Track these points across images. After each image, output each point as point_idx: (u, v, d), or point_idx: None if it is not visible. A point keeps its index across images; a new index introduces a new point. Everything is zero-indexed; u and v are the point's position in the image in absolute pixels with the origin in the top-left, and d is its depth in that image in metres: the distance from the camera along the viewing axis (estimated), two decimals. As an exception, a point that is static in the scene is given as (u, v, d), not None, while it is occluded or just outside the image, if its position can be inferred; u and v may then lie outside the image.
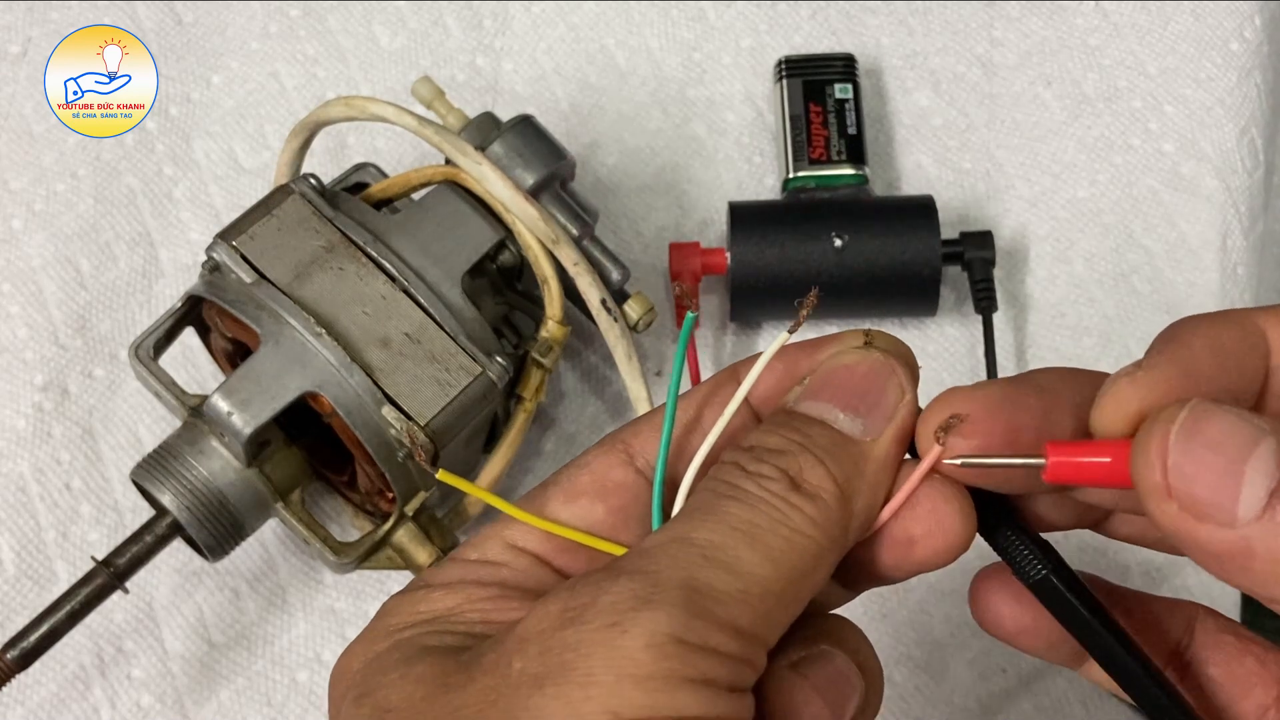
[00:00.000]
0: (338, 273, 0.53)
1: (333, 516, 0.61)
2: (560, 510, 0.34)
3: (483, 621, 0.32)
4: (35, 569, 0.60)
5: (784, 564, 0.30)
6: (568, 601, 0.29)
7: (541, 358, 0.57)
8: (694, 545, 0.29)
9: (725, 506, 0.30)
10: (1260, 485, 0.27)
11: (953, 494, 0.32)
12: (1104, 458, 0.30)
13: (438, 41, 0.71)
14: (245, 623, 0.60)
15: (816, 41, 0.71)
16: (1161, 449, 0.28)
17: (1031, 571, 0.32)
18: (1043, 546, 0.32)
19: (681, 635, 0.28)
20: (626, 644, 0.27)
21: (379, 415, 0.52)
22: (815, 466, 0.31)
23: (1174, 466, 0.28)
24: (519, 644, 0.29)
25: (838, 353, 0.33)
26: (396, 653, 0.31)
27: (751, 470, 0.31)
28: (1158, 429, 0.29)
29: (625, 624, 0.28)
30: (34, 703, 0.58)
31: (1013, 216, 0.68)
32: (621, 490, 0.34)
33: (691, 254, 0.64)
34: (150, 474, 0.53)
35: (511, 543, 0.34)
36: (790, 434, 0.32)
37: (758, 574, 0.29)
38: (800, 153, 0.65)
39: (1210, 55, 0.70)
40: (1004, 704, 0.59)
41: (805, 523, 0.30)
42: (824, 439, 0.32)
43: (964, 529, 0.32)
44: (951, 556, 0.32)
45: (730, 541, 0.29)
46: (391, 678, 0.30)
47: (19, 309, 0.65)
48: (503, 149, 0.58)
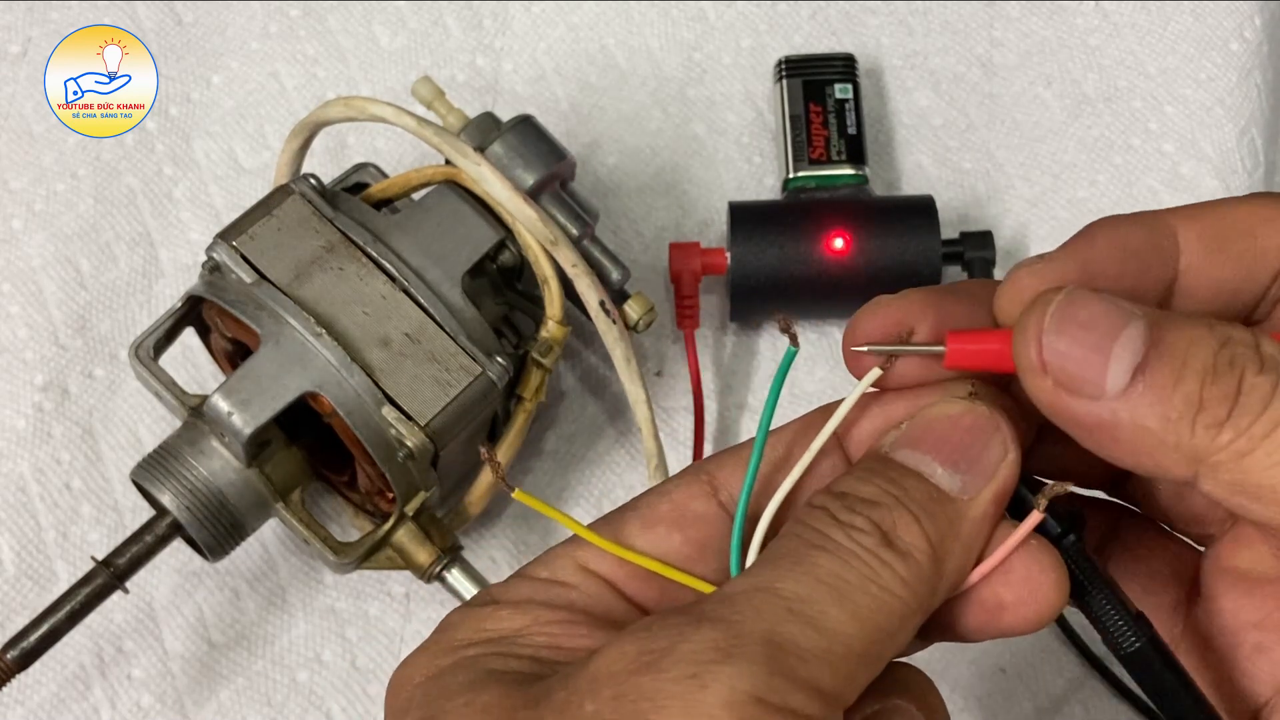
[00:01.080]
0: (338, 273, 0.53)
1: (333, 516, 0.61)
2: (637, 536, 0.33)
3: (550, 646, 0.31)
4: (35, 569, 0.60)
5: (870, 623, 0.29)
6: (646, 644, 0.28)
7: (541, 358, 0.57)
8: (779, 597, 0.28)
9: (814, 557, 0.29)
10: (1126, 361, 0.29)
11: (1049, 562, 0.31)
12: (996, 344, 0.31)
13: (438, 41, 0.71)
14: (245, 623, 0.60)
15: (816, 41, 0.71)
16: (1038, 328, 0.30)
17: (1124, 643, 0.32)
18: (1136, 617, 0.32)
19: (762, 695, 0.27)
20: (705, 699, 0.26)
21: (379, 415, 0.52)
22: (910, 524, 0.30)
23: (1048, 344, 0.29)
24: (591, 684, 0.28)
25: (940, 401, 0.32)
26: (461, 674, 0.30)
27: (843, 520, 0.30)
28: (1035, 309, 0.30)
29: (704, 677, 0.27)
30: (34, 703, 0.58)
31: (1013, 216, 0.68)
32: (701, 522, 0.33)
33: (691, 254, 0.64)
34: (150, 474, 0.53)
35: (583, 565, 0.33)
36: (886, 484, 0.31)
37: (843, 632, 0.28)
38: (800, 153, 0.65)
39: (1210, 55, 0.70)
40: (1004, 704, 0.59)
41: (895, 582, 0.29)
42: (920, 494, 0.30)
43: (1058, 597, 0.31)
44: (1041, 624, 0.31)
45: (817, 595, 0.28)
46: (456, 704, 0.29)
47: (19, 309, 0.65)
48: (503, 149, 0.58)
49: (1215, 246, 0.32)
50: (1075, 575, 0.32)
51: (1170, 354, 0.29)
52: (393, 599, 0.60)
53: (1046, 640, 0.60)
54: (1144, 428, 0.29)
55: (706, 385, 0.64)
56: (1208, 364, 0.29)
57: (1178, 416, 0.28)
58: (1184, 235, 0.32)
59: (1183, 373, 0.29)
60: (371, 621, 0.60)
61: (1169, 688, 0.32)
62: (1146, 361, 0.29)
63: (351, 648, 0.60)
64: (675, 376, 0.64)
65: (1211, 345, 0.29)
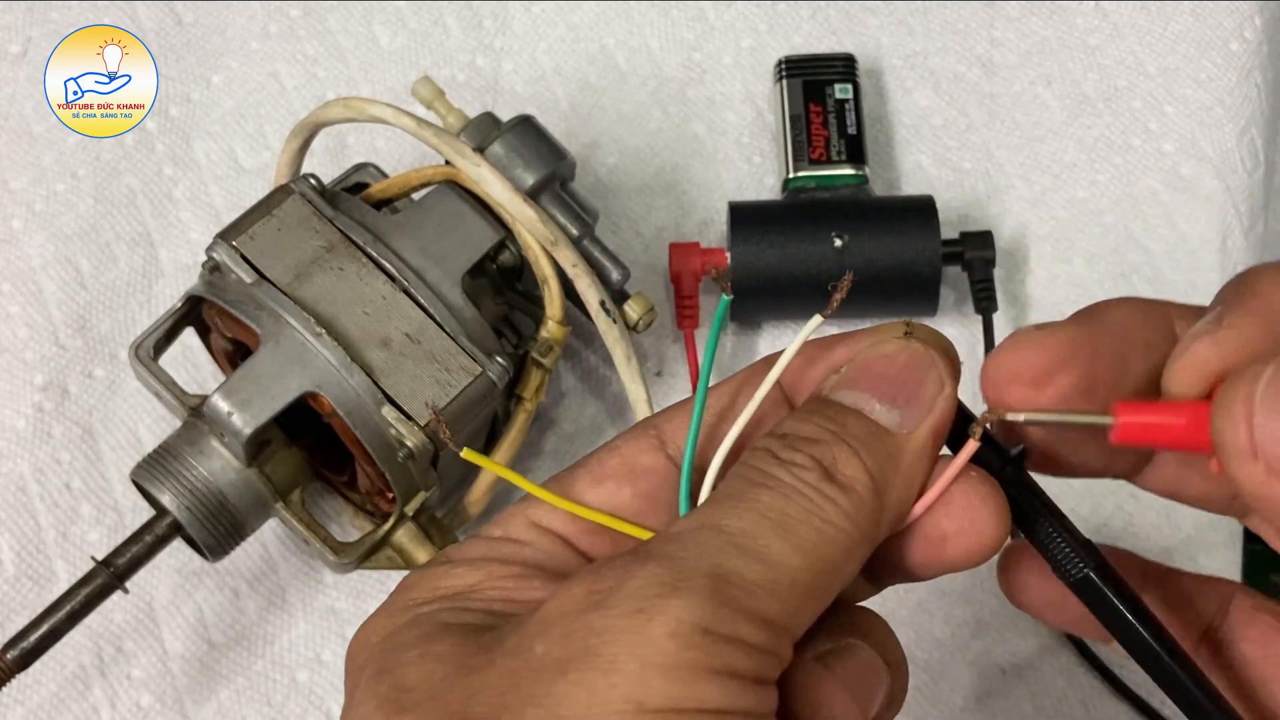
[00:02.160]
0: (338, 273, 0.53)
1: (333, 516, 0.61)
2: (587, 492, 0.33)
3: (503, 600, 0.31)
4: (35, 569, 0.60)
5: (814, 555, 0.29)
6: (592, 585, 0.28)
7: (541, 358, 0.57)
8: (723, 532, 0.29)
9: (756, 494, 0.30)
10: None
11: (988, 493, 0.31)
12: (1178, 419, 0.29)
13: (438, 41, 0.71)
14: (245, 623, 0.60)
15: (816, 41, 0.71)
16: (1248, 407, 0.27)
17: (1072, 570, 0.31)
18: (1083, 544, 0.32)
19: (708, 625, 0.27)
20: (652, 631, 0.27)
21: (379, 415, 0.52)
22: (850, 457, 0.30)
23: (1260, 425, 0.27)
24: (541, 626, 0.28)
25: (876, 342, 0.33)
26: (416, 629, 0.31)
27: (784, 458, 0.30)
28: (1243, 385, 0.28)
29: (651, 611, 0.27)
30: (34, 703, 0.58)
31: (1013, 216, 0.68)
32: (650, 475, 0.33)
33: (691, 254, 0.64)
34: (150, 474, 0.53)
35: (536, 522, 0.33)
36: (825, 422, 0.31)
37: (787, 564, 0.29)
38: (800, 153, 0.65)
39: (1210, 55, 0.70)
40: (1004, 704, 0.59)
41: (837, 514, 0.29)
42: (859, 429, 0.31)
43: (998, 529, 0.31)
44: (984, 557, 0.31)
45: (760, 530, 0.29)
46: (410, 655, 0.30)
47: (19, 309, 0.65)
48: (503, 149, 0.58)
49: None
50: (1020, 506, 0.32)
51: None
52: (393, 599, 0.60)
53: (1047, 640, 0.60)
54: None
55: (706, 385, 0.64)
56: None
57: None
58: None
59: None
60: (371, 621, 0.60)
61: (1122, 613, 0.31)
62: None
63: (351, 648, 0.60)
64: (675, 376, 0.64)
65: None
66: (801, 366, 0.34)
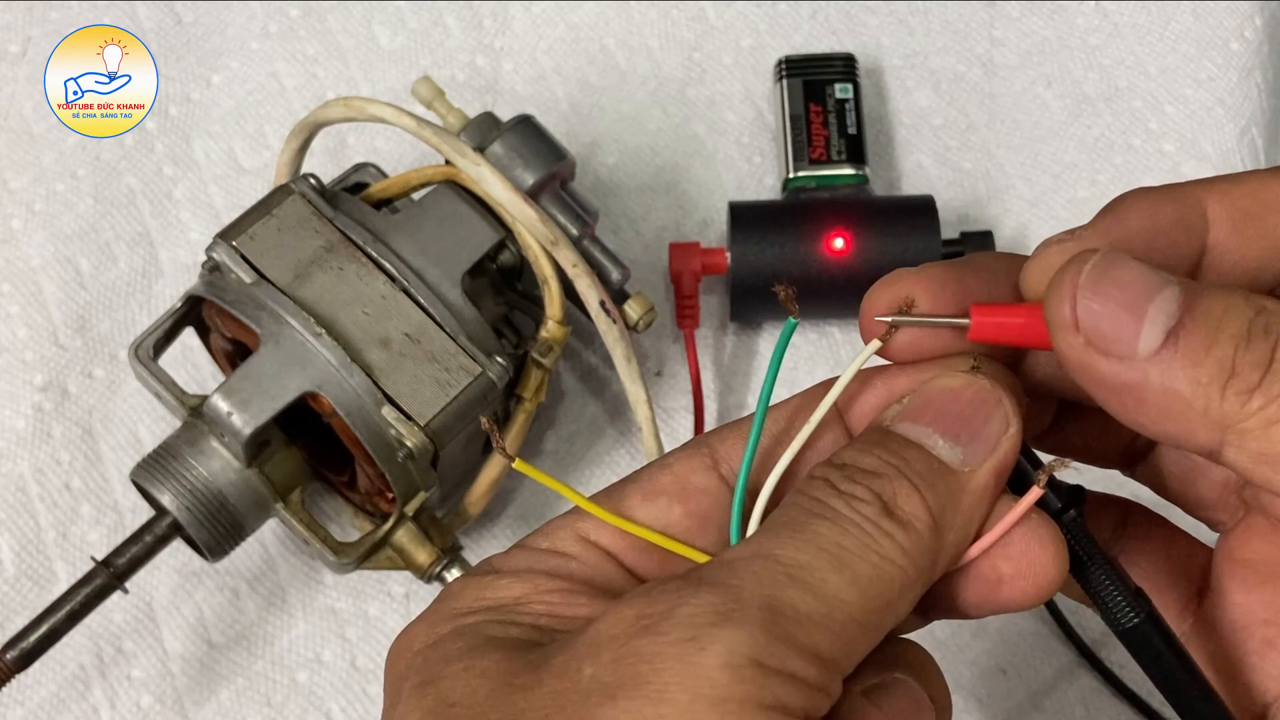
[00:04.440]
0: (338, 273, 0.53)
1: (333, 516, 0.61)
2: (637, 509, 0.33)
3: (548, 614, 0.31)
4: (35, 569, 0.60)
5: (870, 591, 0.29)
6: (644, 608, 0.28)
7: (541, 358, 0.57)
8: (779, 563, 0.28)
9: (814, 525, 0.29)
10: (1160, 322, 0.29)
11: (1048, 536, 0.31)
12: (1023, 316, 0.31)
13: (438, 41, 0.71)
14: (245, 623, 0.60)
15: (816, 41, 0.71)
16: (1073, 285, 0.29)
17: (1122, 619, 0.31)
18: (1135, 592, 0.32)
19: (760, 658, 0.27)
20: (704, 662, 0.26)
21: (379, 415, 0.52)
22: (911, 494, 0.30)
23: (1082, 302, 0.29)
24: (591, 649, 0.28)
25: (941, 375, 0.32)
26: (460, 640, 0.30)
27: (843, 490, 0.30)
28: (1071, 268, 0.30)
29: (703, 640, 0.27)
30: (34, 703, 0.58)
31: (1013, 216, 0.68)
32: (702, 495, 0.33)
33: (691, 254, 0.64)
34: (150, 474, 0.53)
35: (583, 536, 0.33)
36: (886, 455, 0.30)
37: (842, 599, 0.28)
38: (800, 153, 0.65)
39: (1211, 55, 0.70)
40: (1004, 704, 0.59)
41: (895, 551, 0.29)
42: (921, 465, 0.30)
43: (1056, 572, 0.31)
44: (1040, 599, 0.31)
45: (816, 562, 0.28)
46: (456, 669, 0.29)
47: (19, 309, 0.65)
48: (502, 149, 0.58)
49: (1244, 223, 0.32)
50: (1074, 551, 0.32)
51: (1205, 318, 0.29)
52: (393, 599, 0.60)
53: (1048, 641, 0.60)
54: (1173, 391, 0.29)
55: (706, 385, 0.64)
56: (1242, 330, 0.28)
57: (1208, 381, 0.28)
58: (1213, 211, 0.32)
59: (1216, 337, 0.28)
60: (371, 622, 0.60)
61: (1168, 664, 0.32)
62: (1181, 324, 0.28)
63: (351, 648, 0.60)
64: (675, 376, 0.64)
65: (1246, 313, 0.29)
66: (860, 390, 0.33)
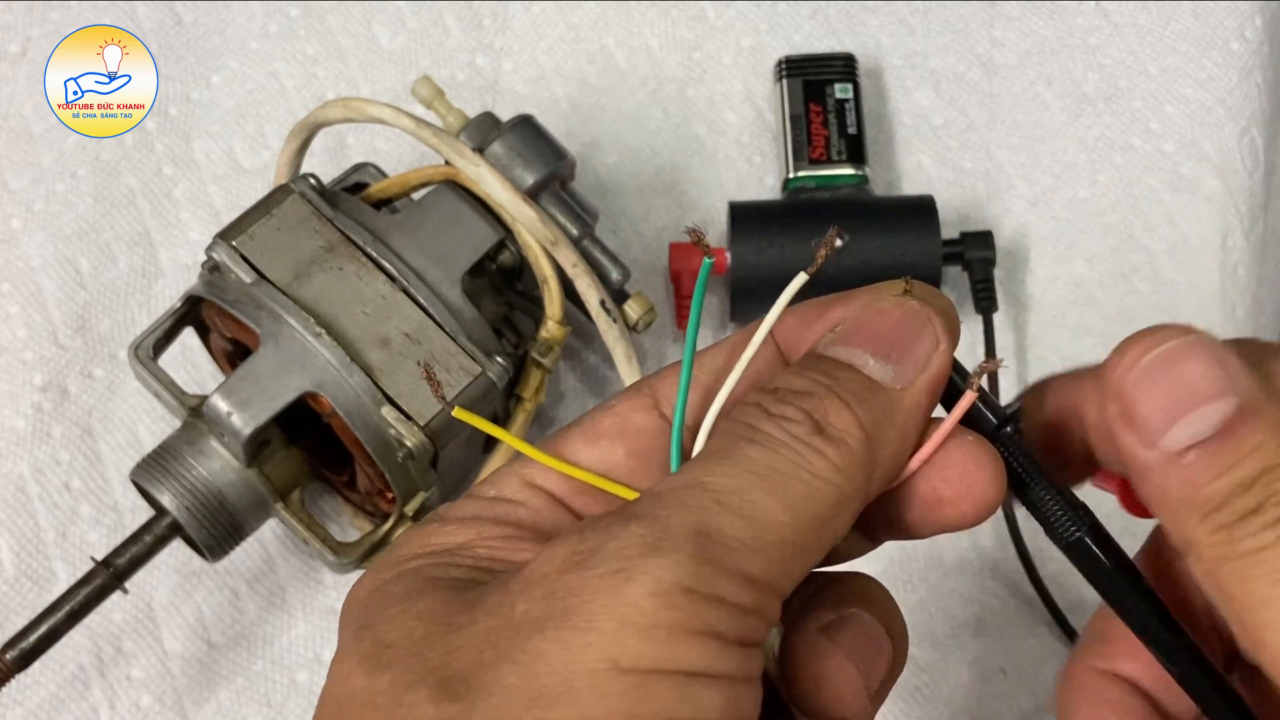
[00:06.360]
0: (337, 273, 0.53)
1: (333, 516, 0.61)
2: (580, 451, 0.33)
3: (492, 558, 0.31)
4: (35, 569, 0.60)
5: (802, 511, 0.28)
6: (576, 545, 0.28)
7: (541, 358, 0.57)
8: (708, 490, 0.28)
9: (743, 450, 0.29)
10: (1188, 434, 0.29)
11: (985, 457, 0.31)
12: None
13: (438, 41, 0.71)
14: (245, 623, 0.60)
15: (816, 41, 0.71)
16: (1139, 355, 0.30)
17: (1065, 533, 0.32)
18: (1077, 506, 0.32)
19: (689, 584, 0.27)
20: (631, 591, 0.26)
21: (379, 415, 0.52)
22: (842, 410, 0.30)
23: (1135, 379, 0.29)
24: (524, 586, 0.28)
25: (873, 299, 0.32)
26: (401, 584, 0.30)
27: (774, 412, 0.30)
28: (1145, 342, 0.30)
29: (631, 571, 0.27)
30: (33, 703, 0.58)
31: (1013, 216, 0.68)
32: (643, 434, 0.33)
33: (691, 254, 0.64)
34: (150, 474, 0.53)
35: (529, 481, 0.33)
36: (817, 376, 0.31)
37: (774, 521, 0.28)
38: (800, 153, 0.65)
39: (1211, 55, 0.70)
40: (1004, 704, 0.59)
41: (827, 468, 0.29)
42: (852, 383, 0.30)
43: (994, 493, 0.31)
44: (979, 519, 0.31)
45: (746, 486, 0.28)
46: (393, 611, 0.29)
47: (19, 309, 0.65)
48: (502, 149, 0.58)
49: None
50: (1014, 468, 0.32)
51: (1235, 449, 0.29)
52: (392, 599, 0.60)
53: (1048, 641, 0.60)
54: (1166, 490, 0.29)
55: (706, 385, 0.64)
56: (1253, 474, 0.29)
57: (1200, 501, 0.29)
58: None
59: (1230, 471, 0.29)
60: (371, 622, 0.60)
61: (1113, 576, 0.32)
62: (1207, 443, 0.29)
63: (351, 648, 0.60)
64: (675, 376, 0.64)
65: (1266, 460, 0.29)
66: (799, 327, 0.33)
